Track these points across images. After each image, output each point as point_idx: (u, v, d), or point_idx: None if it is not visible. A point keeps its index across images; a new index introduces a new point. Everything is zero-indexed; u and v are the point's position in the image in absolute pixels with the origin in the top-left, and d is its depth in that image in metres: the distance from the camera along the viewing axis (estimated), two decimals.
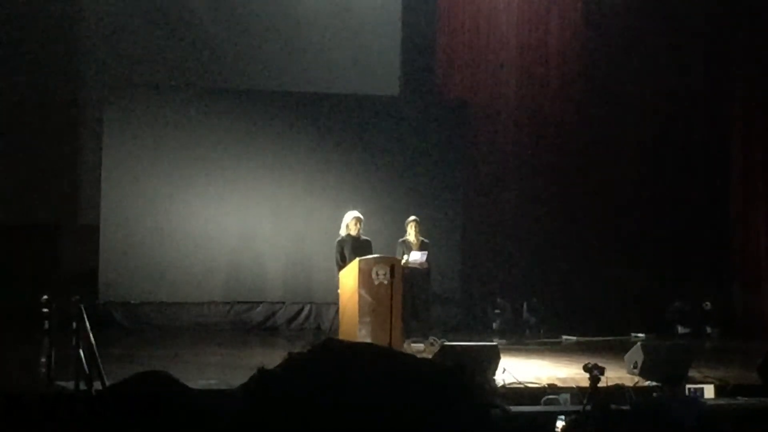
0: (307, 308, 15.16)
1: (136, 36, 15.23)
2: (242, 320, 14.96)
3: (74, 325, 9.02)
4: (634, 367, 10.54)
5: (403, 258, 12.63)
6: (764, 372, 8.86)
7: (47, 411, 8.00)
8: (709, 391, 9.96)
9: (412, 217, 13.19)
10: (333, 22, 15.92)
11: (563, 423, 7.94)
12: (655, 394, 9.32)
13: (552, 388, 9.93)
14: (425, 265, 12.95)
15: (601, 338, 14.22)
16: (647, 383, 10.14)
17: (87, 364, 8.54)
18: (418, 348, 12.21)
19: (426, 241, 13.14)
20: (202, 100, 15.00)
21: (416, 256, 12.83)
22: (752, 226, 16.43)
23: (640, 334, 14.49)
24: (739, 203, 16.58)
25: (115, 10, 15.21)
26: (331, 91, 15.52)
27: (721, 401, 9.72)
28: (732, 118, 16.70)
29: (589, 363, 8.81)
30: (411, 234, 13.07)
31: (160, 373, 2.40)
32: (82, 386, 8.47)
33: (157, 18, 15.35)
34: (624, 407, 8.24)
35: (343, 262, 12.34)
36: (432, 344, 12.30)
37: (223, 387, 8.84)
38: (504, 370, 10.18)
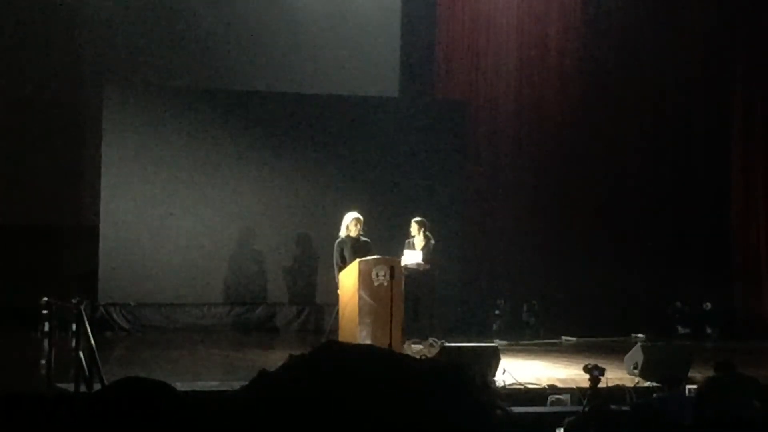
0: (307, 309, 15.12)
1: (136, 37, 15.22)
2: (242, 321, 14.94)
3: (74, 326, 9.03)
4: (634, 368, 10.54)
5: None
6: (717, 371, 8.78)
7: (47, 413, 8.00)
8: None
9: (416, 218, 13.15)
10: (332, 23, 15.92)
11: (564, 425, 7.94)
12: (655, 395, 9.31)
13: (552, 389, 9.94)
14: (423, 267, 12.89)
15: (600, 339, 14.21)
16: (647, 384, 10.15)
17: (87, 366, 8.54)
18: (418, 349, 12.19)
19: (432, 240, 13.07)
20: (202, 101, 14.98)
21: (410, 258, 12.77)
22: (752, 227, 16.43)
23: (640, 335, 14.47)
24: (739, 203, 16.58)
25: (115, 11, 15.20)
26: (330, 92, 15.50)
27: None
28: (732, 118, 16.70)
29: (589, 364, 8.81)
30: (414, 235, 13.04)
31: (143, 380, 2.38)
32: (83, 388, 8.48)
33: (156, 19, 15.35)
34: (624, 408, 8.23)
35: (342, 263, 12.33)
36: (432, 345, 12.28)
37: (224, 389, 8.83)
38: (504, 371, 10.19)
